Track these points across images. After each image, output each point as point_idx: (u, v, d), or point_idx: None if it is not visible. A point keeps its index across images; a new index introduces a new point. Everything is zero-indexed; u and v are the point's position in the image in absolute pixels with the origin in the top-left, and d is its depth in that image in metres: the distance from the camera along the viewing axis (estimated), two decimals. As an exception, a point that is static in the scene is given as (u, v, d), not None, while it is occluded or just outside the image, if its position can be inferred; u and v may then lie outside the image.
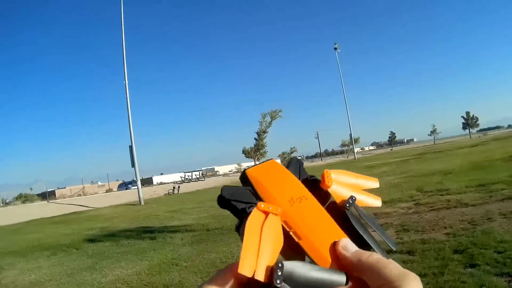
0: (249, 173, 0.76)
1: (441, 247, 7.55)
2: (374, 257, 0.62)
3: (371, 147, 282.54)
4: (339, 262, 0.65)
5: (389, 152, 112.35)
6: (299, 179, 0.77)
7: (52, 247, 14.66)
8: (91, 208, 36.30)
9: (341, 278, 0.61)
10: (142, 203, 34.37)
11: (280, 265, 0.57)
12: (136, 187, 39.24)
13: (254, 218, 0.64)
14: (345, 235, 0.69)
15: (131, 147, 36.53)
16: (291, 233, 0.68)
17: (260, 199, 0.70)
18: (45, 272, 10.71)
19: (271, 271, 0.58)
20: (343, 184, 0.80)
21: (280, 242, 0.64)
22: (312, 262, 0.65)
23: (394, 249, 0.73)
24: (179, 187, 49.94)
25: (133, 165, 36.76)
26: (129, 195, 46.87)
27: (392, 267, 0.59)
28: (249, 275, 0.57)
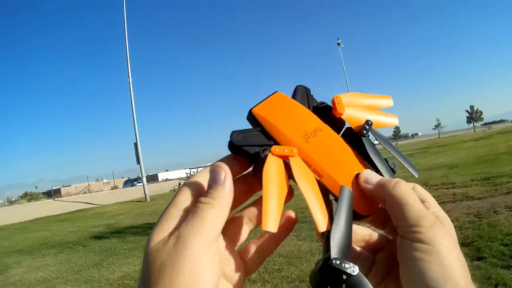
0: (256, 112, 0.68)
1: (448, 240, 7.56)
2: (399, 189, 0.58)
3: (376, 142, 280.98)
4: (364, 196, 0.63)
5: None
6: (308, 108, 0.71)
7: (58, 245, 14.67)
8: (96, 205, 36.33)
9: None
10: (148, 199, 34.35)
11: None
12: (141, 184, 39.40)
13: (271, 165, 0.59)
14: (365, 166, 0.67)
15: (136, 144, 36.60)
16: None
17: (273, 139, 0.65)
18: (52, 269, 10.71)
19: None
20: (356, 107, 0.73)
21: (314, 184, 0.62)
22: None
23: (416, 176, 0.70)
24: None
25: (138, 162, 36.84)
26: (134, 192, 46.96)
27: (412, 205, 0.56)
28: (274, 230, 0.54)
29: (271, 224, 0.53)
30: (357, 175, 0.63)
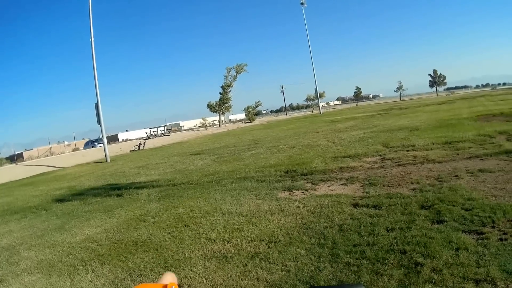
0: None
1: (408, 202, 7.67)
2: None
3: (337, 102, 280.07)
4: None
5: (354, 107, 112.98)
6: None
7: (21, 210, 14.59)
8: (58, 168, 35.95)
9: None
10: (109, 160, 34.26)
11: None
12: (102, 144, 39.14)
13: None
14: None
15: (97, 104, 36.19)
16: None
17: None
18: (16, 235, 10.64)
19: None
20: None
21: None
22: None
23: None
24: (144, 143, 49.79)
25: (99, 122, 36.49)
26: (95, 153, 46.60)
27: None
28: None
29: None
30: None
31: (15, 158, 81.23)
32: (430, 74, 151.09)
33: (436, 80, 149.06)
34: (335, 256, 5.56)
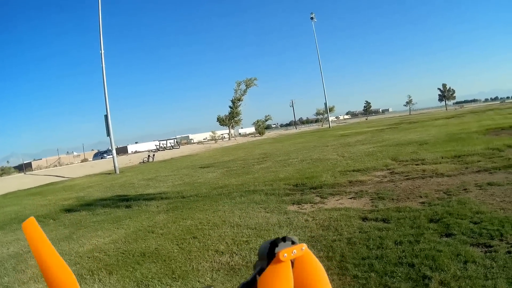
0: None
1: (417, 215, 7.65)
2: None
3: (346, 116, 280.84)
4: None
5: (364, 121, 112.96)
6: None
7: (29, 219, 14.47)
8: (67, 178, 36.08)
9: None
10: (117, 172, 34.43)
11: None
12: (111, 156, 39.28)
13: None
14: None
15: (106, 116, 36.32)
16: None
17: None
18: (24, 244, 10.61)
19: None
20: None
21: None
22: None
23: None
24: (154, 155, 49.85)
25: (108, 134, 36.62)
26: (104, 165, 46.71)
27: None
28: None
29: None
30: None
31: (23, 168, 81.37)
32: (439, 89, 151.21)
33: (445, 94, 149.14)
34: (343, 269, 5.54)
